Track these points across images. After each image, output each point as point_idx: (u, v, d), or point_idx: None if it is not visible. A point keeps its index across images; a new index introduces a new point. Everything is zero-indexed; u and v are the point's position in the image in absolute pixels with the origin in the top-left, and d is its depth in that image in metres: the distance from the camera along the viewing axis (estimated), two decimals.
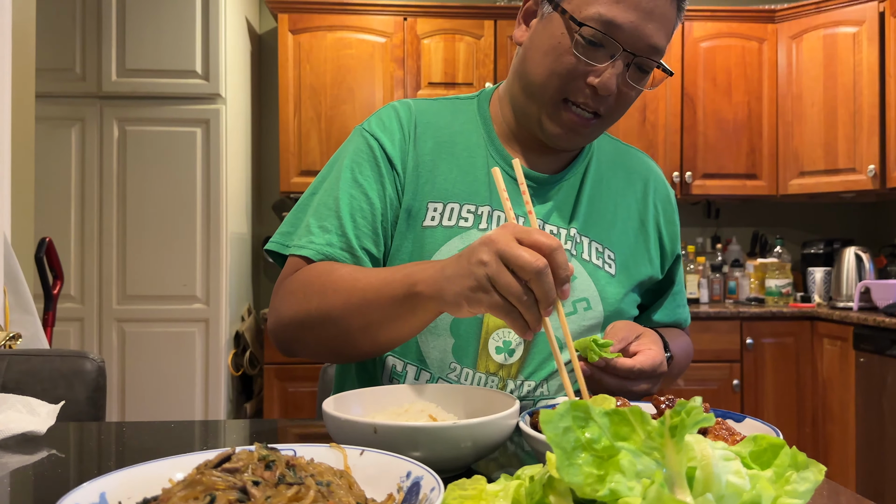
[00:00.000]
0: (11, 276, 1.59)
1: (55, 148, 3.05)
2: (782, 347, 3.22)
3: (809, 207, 3.91)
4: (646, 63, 0.95)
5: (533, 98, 0.99)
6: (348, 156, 1.03)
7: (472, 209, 1.01)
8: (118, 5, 3.06)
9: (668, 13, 0.94)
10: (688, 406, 0.52)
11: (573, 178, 1.07)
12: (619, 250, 1.07)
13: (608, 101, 0.96)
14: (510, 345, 0.98)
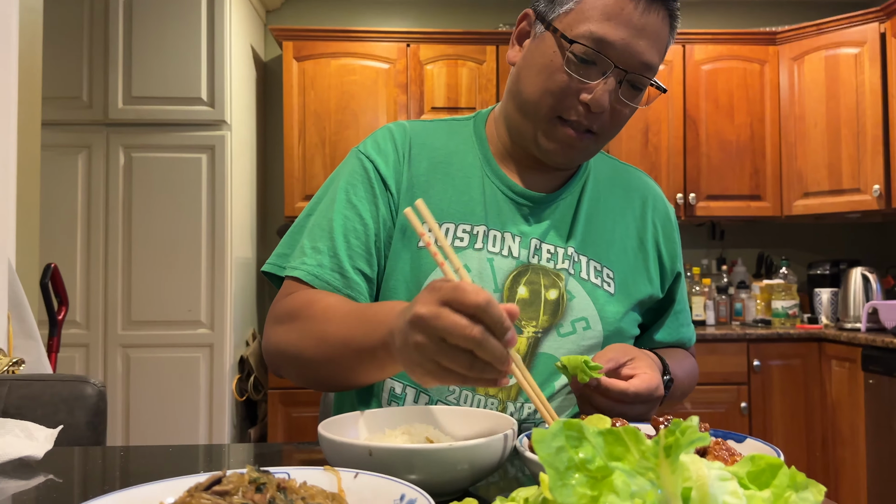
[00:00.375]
0: (16, 302, 1.60)
1: (62, 175, 3.08)
2: (790, 369, 3.19)
3: (815, 228, 3.90)
4: (638, 80, 0.96)
5: (528, 116, 0.99)
6: (343, 177, 1.04)
7: (468, 229, 1.01)
8: (125, 34, 3.10)
9: (659, 31, 0.95)
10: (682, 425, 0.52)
11: (570, 197, 1.07)
12: (618, 269, 1.07)
13: (602, 119, 0.96)
14: None
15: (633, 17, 0.92)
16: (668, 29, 0.97)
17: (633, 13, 0.92)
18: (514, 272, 1.00)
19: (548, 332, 1.00)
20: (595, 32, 0.92)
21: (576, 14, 0.94)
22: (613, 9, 0.92)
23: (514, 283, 1.00)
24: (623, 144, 3.50)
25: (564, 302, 1.01)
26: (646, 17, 0.93)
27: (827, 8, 3.86)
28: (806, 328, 3.29)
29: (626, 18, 0.92)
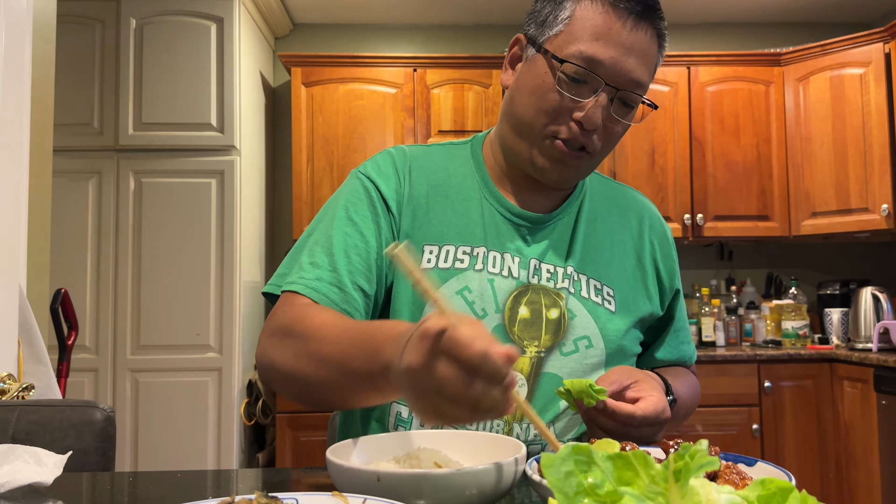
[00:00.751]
0: (26, 328, 1.61)
1: (73, 200, 3.10)
2: (801, 390, 3.17)
3: (823, 248, 3.88)
4: (629, 97, 0.97)
5: (522, 136, 1.01)
6: (343, 196, 1.04)
7: (468, 250, 1.02)
8: (135, 61, 3.14)
9: (647, 49, 0.97)
10: (692, 449, 0.52)
11: (567, 217, 1.08)
12: (618, 287, 1.07)
13: (595, 136, 0.97)
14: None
15: (622, 35, 0.94)
16: (657, 47, 0.99)
17: (622, 32, 0.94)
18: (514, 292, 1.01)
19: (550, 352, 1.00)
20: (585, 52, 0.94)
21: (565, 35, 0.96)
22: (602, 29, 0.94)
23: (515, 302, 1.00)
24: (629, 166, 3.50)
25: (566, 321, 1.01)
26: (634, 36, 0.95)
27: (830, 29, 3.88)
28: (817, 349, 3.26)
29: (615, 38, 0.94)
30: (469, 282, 1.00)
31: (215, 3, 3.17)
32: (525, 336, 0.99)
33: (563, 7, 0.98)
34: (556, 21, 0.98)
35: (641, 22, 0.95)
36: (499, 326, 0.99)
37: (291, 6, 3.71)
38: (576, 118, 0.95)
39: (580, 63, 0.94)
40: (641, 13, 0.95)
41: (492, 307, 0.99)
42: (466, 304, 0.99)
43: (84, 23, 3.15)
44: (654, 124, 3.53)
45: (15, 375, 1.52)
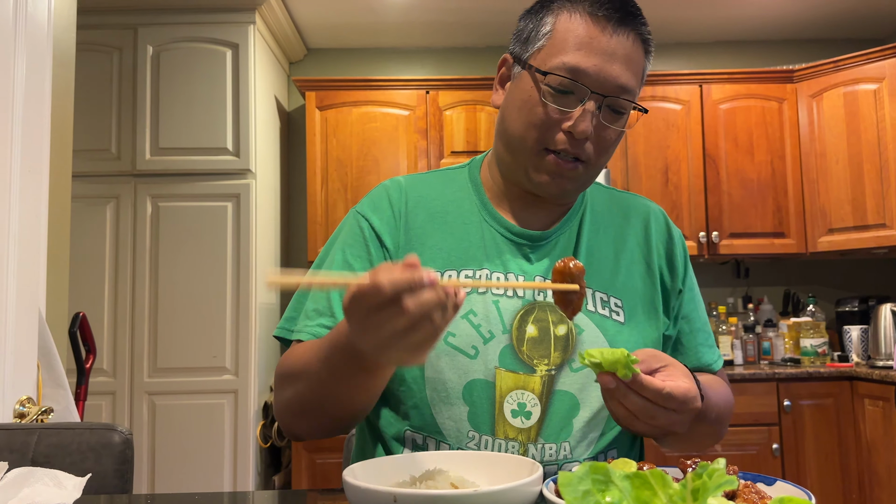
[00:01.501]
0: (45, 351, 1.62)
1: (91, 225, 3.14)
2: (822, 409, 3.12)
3: (841, 264, 3.85)
4: (617, 104, 0.97)
5: (516, 152, 1.01)
6: (340, 237, 1.07)
7: (470, 274, 1.02)
8: (152, 87, 3.19)
9: (632, 54, 0.97)
10: (710, 468, 0.51)
11: (569, 231, 1.08)
12: (627, 297, 1.05)
13: (587, 146, 0.98)
14: (525, 406, 0.97)
15: (603, 43, 0.95)
16: (642, 52, 1.00)
17: (603, 39, 0.95)
18: (521, 311, 1.00)
19: (561, 369, 0.99)
20: (568, 63, 0.95)
21: (548, 49, 0.98)
22: (583, 38, 0.95)
23: (522, 322, 1.00)
24: (643, 184, 3.50)
25: (574, 336, 1.00)
26: (616, 42, 0.95)
27: (842, 45, 3.87)
28: (836, 366, 3.22)
29: (597, 46, 0.95)
30: (473, 305, 1.00)
31: (231, 30, 3.22)
32: (535, 355, 0.99)
33: (544, 22, 1.00)
34: (538, 36, 1.00)
35: (622, 28, 0.96)
36: (507, 347, 0.98)
37: (305, 32, 3.76)
38: (565, 129, 0.96)
39: (564, 74, 0.95)
40: (621, 19, 0.96)
41: (498, 328, 0.99)
42: (472, 327, 0.99)
43: (102, 50, 3.21)
44: (668, 142, 3.53)
45: (34, 399, 1.53)
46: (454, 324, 0.98)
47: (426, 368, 0.98)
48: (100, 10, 3.17)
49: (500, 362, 0.97)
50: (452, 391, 0.97)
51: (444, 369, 0.98)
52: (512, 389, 0.97)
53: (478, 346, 0.98)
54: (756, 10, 3.61)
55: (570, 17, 0.97)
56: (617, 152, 3.51)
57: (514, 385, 0.97)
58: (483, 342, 0.98)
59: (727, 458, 0.50)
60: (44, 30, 1.65)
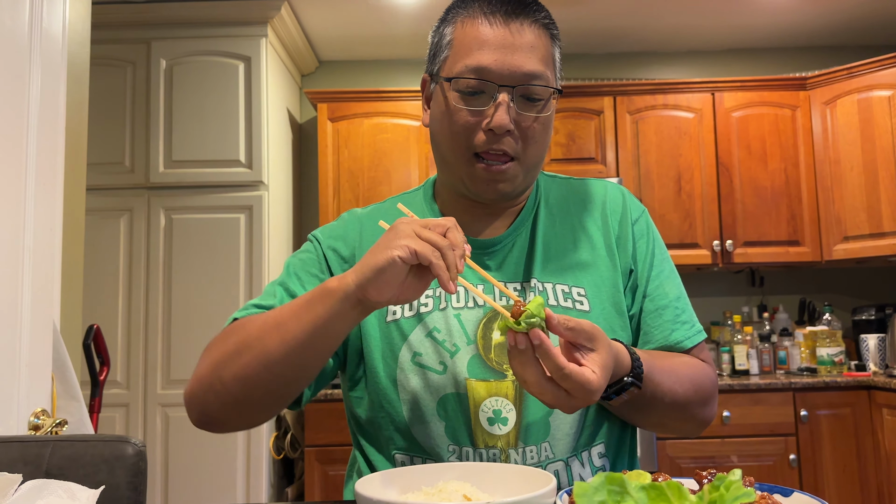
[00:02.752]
0: (59, 363, 1.63)
1: (105, 238, 3.16)
2: (839, 419, 3.09)
3: (857, 272, 3.81)
4: (529, 91, 0.97)
5: (450, 166, 1.03)
6: (295, 256, 1.09)
7: (430, 293, 1.02)
8: (165, 100, 3.22)
9: (533, 41, 0.98)
10: (727, 480, 0.51)
11: (524, 230, 1.07)
12: (590, 284, 1.03)
13: (513, 139, 0.98)
14: (501, 413, 0.96)
15: (500, 37, 0.97)
16: (546, 37, 1.00)
17: (499, 33, 0.97)
18: (483, 319, 1.00)
19: None
20: (470, 64, 0.97)
21: (452, 57, 1.00)
22: (481, 38, 0.97)
23: (487, 329, 0.99)
24: (656, 192, 3.49)
25: None
26: (513, 34, 0.97)
27: (855, 52, 3.85)
28: (853, 375, 3.19)
29: (494, 41, 0.97)
30: (436, 322, 1.00)
31: (243, 44, 3.25)
32: (503, 360, 0.98)
33: (445, 34, 1.03)
34: (442, 48, 1.02)
35: (516, 19, 0.98)
36: (474, 357, 0.98)
37: (317, 45, 3.78)
38: (485, 128, 0.97)
39: (468, 75, 0.96)
40: (513, 11, 0.98)
41: (462, 340, 0.99)
42: (437, 343, 0.99)
43: (116, 65, 3.24)
44: (680, 151, 3.52)
45: (49, 411, 1.54)
46: (420, 343, 0.99)
47: (400, 391, 0.98)
48: (113, 25, 3.20)
49: (470, 373, 0.97)
50: (427, 409, 0.97)
51: (415, 389, 0.98)
52: (485, 398, 0.96)
53: (445, 361, 0.98)
54: (767, 18, 3.60)
55: (466, 23, 1.00)
56: (629, 160, 3.50)
57: (487, 393, 0.96)
58: (450, 356, 0.98)
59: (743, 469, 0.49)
60: (58, 45, 1.67)
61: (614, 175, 3.51)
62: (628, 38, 3.80)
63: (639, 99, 3.57)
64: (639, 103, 3.57)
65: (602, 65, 3.99)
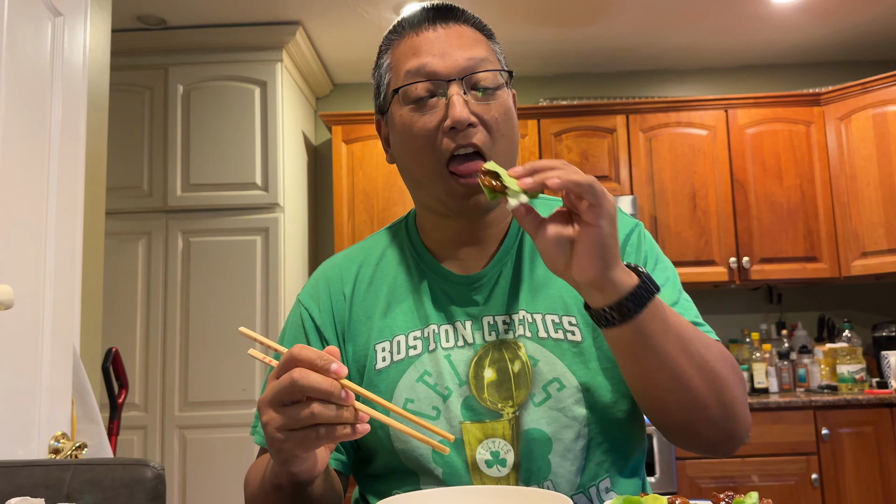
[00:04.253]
0: (79, 387, 1.64)
1: (123, 261, 3.20)
2: (862, 437, 3.04)
3: (876, 288, 3.77)
4: (477, 79, 0.95)
5: (424, 186, 0.99)
6: (286, 332, 1.07)
7: (418, 335, 0.98)
8: (183, 125, 3.27)
9: (464, 34, 0.97)
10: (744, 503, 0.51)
11: (509, 261, 1.02)
12: (581, 312, 0.97)
13: (475, 132, 0.93)
14: (499, 455, 0.93)
15: (431, 39, 0.96)
16: (478, 32, 1.00)
17: (430, 37, 0.96)
18: (475, 358, 0.96)
19: (525, 406, 0.93)
20: (410, 69, 0.95)
21: (393, 76, 0.99)
22: (413, 48, 0.97)
23: (478, 368, 0.95)
24: (671, 210, 3.48)
25: (529, 370, 0.94)
26: (443, 34, 0.96)
27: (868, 67, 3.84)
28: (875, 393, 3.15)
29: (427, 45, 0.96)
30: (426, 366, 0.96)
31: (259, 68, 3.29)
32: (497, 398, 0.93)
33: (383, 62, 1.02)
34: (384, 75, 1.01)
35: (442, 21, 0.98)
36: (468, 398, 0.94)
37: (331, 68, 3.82)
38: (445, 129, 0.93)
39: (412, 79, 0.95)
40: (437, 16, 0.98)
41: (454, 382, 0.95)
42: (429, 388, 0.95)
43: (134, 90, 3.29)
44: (694, 168, 3.52)
45: (68, 434, 1.55)
46: (410, 389, 0.95)
47: (394, 441, 0.94)
48: (132, 52, 3.26)
49: (464, 416, 0.93)
50: (423, 457, 0.93)
51: (409, 438, 0.93)
52: (481, 440, 0.92)
53: (438, 405, 0.94)
54: (780, 35, 3.60)
55: (398, 44, 1.00)
56: (642, 178, 3.50)
57: (483, 435, 0.93)
58: (442, 400, 0.94)
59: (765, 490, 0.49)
60: (79, 73, 1.70)
61: (629, 193, 3.51)
62: (640, 56, 3.82)
63: (652, 117, 3.57)
64: (652, 121, 3.57)
65: (614, 83, 4.00)
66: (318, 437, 0.70)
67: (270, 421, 0.71)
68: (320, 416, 0.68)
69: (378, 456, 0.98)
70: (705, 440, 0.90)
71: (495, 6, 3.10)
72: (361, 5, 3.17)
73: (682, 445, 0.94)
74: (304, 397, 0.69)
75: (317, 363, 0.69)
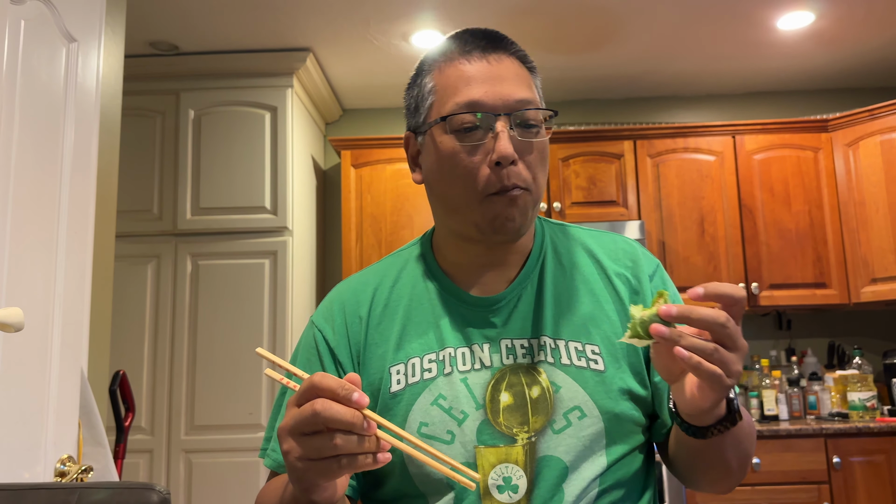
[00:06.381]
0: (86, 410, 1.64)
1: (132, 284, 3.21)
2: (873, 466, 3.00)
3: (887, 315, 3.75)
4: (524, 117, 0.95)
5: (458, 210, 0.98)
6: (299, 353, 1.06)
7: (433, 357, 0.97)
8: (193, 149, 3.29)
9: (516, 71, 0.98)
10: None
11: (529, 286, 1.01)
12: (604, 342, 0.97)
13: (518, 169, 0.94)
14: (511, 480, 0.91)
15: (483, 71, 0.96)
16: (525, 69, 1.00)
17: (481, 68, 0.96)
18: (491, 382, 0.95)
19: (543, 433, 0.92)
20: (460, 101, 0.94)
21: (438, 102, 0.98)
22: (462, 77, 0.96)
23: (495, 391, 0.94)
24: (679, 235, 3.48)
25: (550, 396, 0.94)
26: (494, 67, 0.96)
27: (876, 93, 3.85)
28: (887, 421, 3.11)
29: (478, 76, 0.95)
30: (441, 389, 0.95)
31: (269, 94, 3.33)
32: (513, 423, 0.93)
33: (425, 84, 1.00)
34: (425, 98, 1.00)
35: (494, 52, 0.97)
36: (483, 423, 0.93)
37: (341, 94, 3.86)
38: (490, 163, 0.93)
39: (463, 110, 0.94)
40: (488, 46, 0.98)
41: (470, 406, 0.94)
42: (444, 411, 0.94)
43: (146, 115, 3.33)
44: (702, 193, 3.52)
45: (75, 457, 1.55)
46: (425, 413, 0.94)
47: (408, 465, 0.93)
48: (144, 77, 3.30)
49: (479, 440, 0.92)
50: (438, 481, 0.92)
51: (422, 462, 0.91)
52: (494, 465, 0.91)
53: (452, 429, 0.93)
54: (786, 62, 3.62)
55: (444, 67, 0.98)
56: (650, 203, 3.50)
57: (497, 459, 0.92)
58: (457, 424, 0.93)
59: None
60: (92, 98, 1.73)
61: (636, 218, 3.51)
62: (648, 82, 3.84)
63: (659, 142, 3.59)
64: (659, 147, 3.58)
65: (622, 109, 4.02)
66: (340, 467, 0.69)
67: (291, 450, 0.71)
68: (343, 447, 0.68)
69: (390, 479, 0.97)
70: (717, 491, 1.00)
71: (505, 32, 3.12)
72: (371, 32, 3.21)
73: (693, 489, 1.00)
74: (326, 427, 0.68)
75: (338, 393, 0.68)
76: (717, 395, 0.77)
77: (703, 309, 0.75)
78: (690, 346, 0.74)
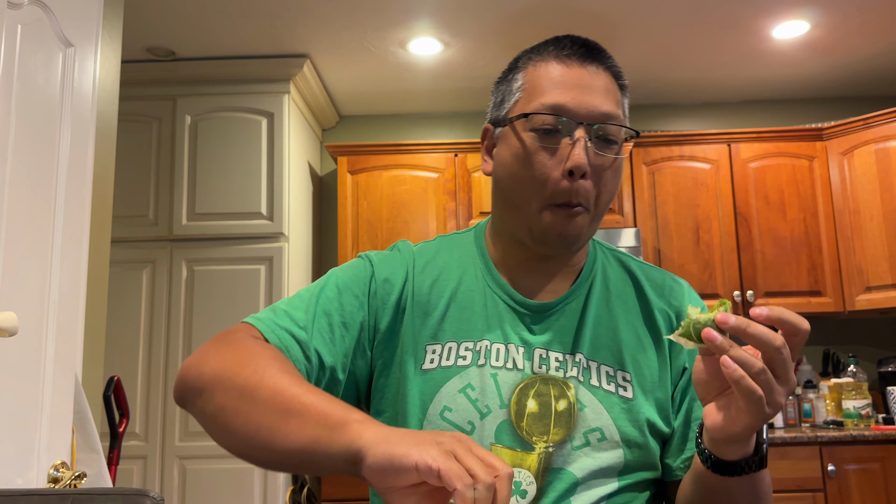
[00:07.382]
0: (80, 416, 1.64)
1: (127, 289, 3.20)
2: (868, 474, 3.00)
3: (882, 323, 3.76)
4: (606, 131, 0.95)
5: (518, 210, 0.97)
6: (342, 272, 1.03)
7: (470, 346, 0.97)
8: (190, 155, 3.29)
9: (607, 85, 0.97)
10: None
11: (575, 302, 1.01)
12: (637, 372, 0.98)
13: (588, 184, 0.93)
14: (521, 485, 0.92)
15: (575, 78, 0.95)
16: (616, 84, 0.99)
17: (574, 74, 0.95)
18: (520, 385, 0.95)
19: (561, 446, 0.92)
20: (546, 102, 0.94)
21: (525, 99, 0.97)
22: (556, 78, 0.95)
23: (522, 395, 0.95)
24: (674, 243, 3.49)
25: (575, 412, 0.94)
26: (587, 76, 0.96)
27: (871, 102, 3.87)
28: (882, 429, 3.11)
29: (570, 81, 0.95)
30: (471, 379, 0.95)
31: (266, 100, 3.33)
32: (534, 431, 0.93)
33: (515, 80, 1.00)
34: (513, 93, 1.00)
35: (590, 62, 0.97)
36: (505, 422, 0.93)
37: (338, 100, 3.87)
38: (563, 170, 0.92)
39: (547, 111, 0.94)
40: (587, 54, 0.97)
41: (496, 402, 0.94)
42: (470, 402, 0.94)
43: (142, 121, 3.33)
44: (697, 201, 3.53)
45: (68, 463, 1.54)
46: (451, 398, 0.94)
47: None
48: (141, 83, 3.30)
49: (497, 438, 0.93)
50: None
51: None
52: None
53: (474, 421, 0.94)
54: (782, 70, 3.64)
55: (539, 66, 0.98)
56: (646, 211, 3.51)
57: (511, 462, 0.92)
58: (480, 417, 0.94)
59: None
60: (88, 103, 1.73)
61: (632, 225, 3.52)
62: (643, 90, 3.85)
63: (655, 150, 3.60)
64: (655, 154, 3.59)
65: None
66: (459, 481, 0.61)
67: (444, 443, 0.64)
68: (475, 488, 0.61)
69: None
70: None
71: (500, 41, 3.14)
72: (368, 39, 3.21)
73: None
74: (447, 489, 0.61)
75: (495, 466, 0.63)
76: (752, 420, 0.74)
77: (761, 326, 0.73)
78: (738, 357, 0.72)
